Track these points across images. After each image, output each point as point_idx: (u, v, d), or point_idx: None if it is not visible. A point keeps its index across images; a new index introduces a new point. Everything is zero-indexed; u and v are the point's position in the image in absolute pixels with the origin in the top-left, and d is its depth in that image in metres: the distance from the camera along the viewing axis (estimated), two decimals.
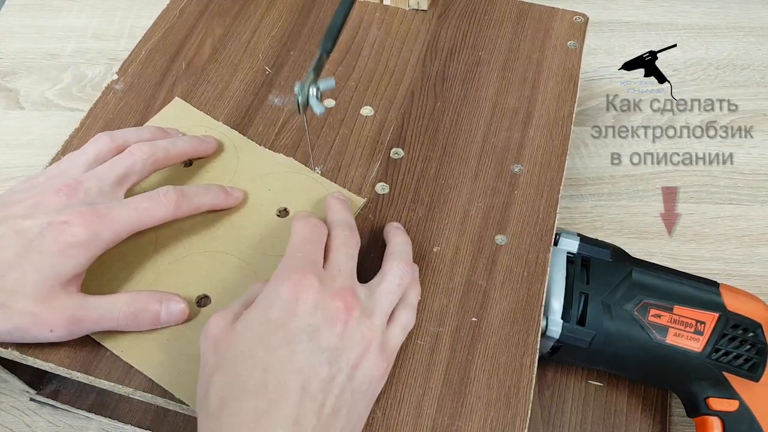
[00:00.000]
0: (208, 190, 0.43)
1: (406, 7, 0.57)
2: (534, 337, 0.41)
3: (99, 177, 0.39)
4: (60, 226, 0.36)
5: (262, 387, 0.32)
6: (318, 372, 0.33)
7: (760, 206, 0.61)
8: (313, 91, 0.41)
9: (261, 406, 0.32)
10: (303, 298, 0.34)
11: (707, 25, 0.74)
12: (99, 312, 0.37)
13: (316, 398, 0.33)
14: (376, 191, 0.46)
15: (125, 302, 0.38)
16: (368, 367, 0.35)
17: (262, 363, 0.33)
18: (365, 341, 0.35)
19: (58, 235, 0.36)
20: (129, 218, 0.38)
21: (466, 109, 0.51)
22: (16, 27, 0.72)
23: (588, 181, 0.62)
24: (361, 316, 0.35)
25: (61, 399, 0.48)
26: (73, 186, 0.38)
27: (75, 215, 0.36)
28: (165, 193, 0.40)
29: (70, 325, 0.36)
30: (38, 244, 0.35)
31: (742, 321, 0.43)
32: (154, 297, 0.39)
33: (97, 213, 0.37)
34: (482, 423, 0.38)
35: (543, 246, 0.44)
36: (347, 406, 0.34)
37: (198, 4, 0.57)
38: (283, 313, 0.34)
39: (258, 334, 0.34)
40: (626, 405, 0.49)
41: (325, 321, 0.34)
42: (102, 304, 0.37)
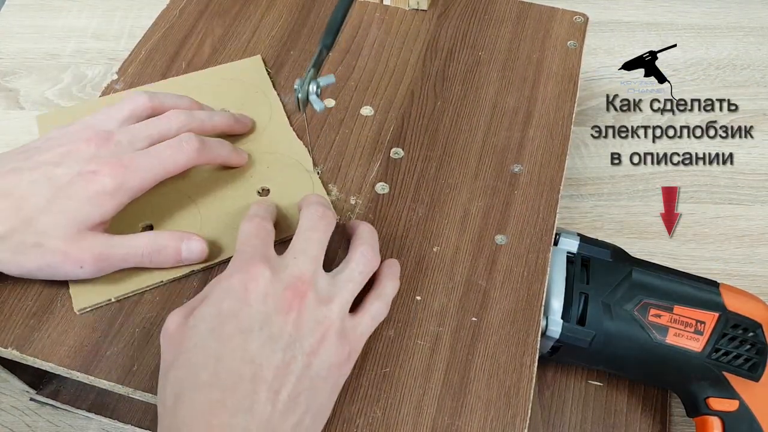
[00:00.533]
0: (223, 145, 0.44)
1: (406, 7, 0.57)
2: (534, 336, 0.41)
3: (132, 134, 0.41)
4: (88, 176, 0.38)
5: (215, 378, 0.32)
6: (271, 360, 0.33)
7: (760, 206, 0.61)
8: (313, 87, 0.40)
9: (214, 396, 0.32)
10: (253, 287, 0.34)
11: (707, 25, 0.74)
12: (125, 249, 0.39)
13: (271, 386, 0.32)
14: (376, 191, 0.46)
15: (148, 240, 0.40)
16: (326, 354, 0.35)
17: (215, 354, 0.33)
18: (321, 328, 0.35)
19: (87, 184, 0.38)
20: (153, 167, 0.40)
21: (466, 109, 0.51)
22: (16, 27, 0.72)
23: (588, 181, 0.62)
24: (317, 303, 0.35)
25: (61, 399, 0.48)
26: (105, 137, 0.39)
27: (103, 165, 0.38)
28: (187, 140, 0.41)
29: (99, 261, 0.38)
30: (68, 192, 0.37)
31: (742, 321, 0.43)
32: (176, 235, 0.40)
33: (123, 163, 0.39)
34: (482, 423, 0.38)
35: (543, 246, 0.44)
36: (306, 393, 0.34)
37: (198, 4, 0.57)
38: (234, 303, 0.34)
39: (210, 326, 0.34)
40: (626, 405, 0.49)
41: (276, 309, 0.34)
42: (127, 241, 0.39)
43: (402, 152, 0.48)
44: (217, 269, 0.42)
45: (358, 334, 0.37)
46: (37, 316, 0.39)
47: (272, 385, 0.33)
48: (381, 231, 0.44)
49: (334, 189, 0.46)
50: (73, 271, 0.38)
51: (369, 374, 0.39)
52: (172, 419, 0.32)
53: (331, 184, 0.46)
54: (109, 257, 0.39)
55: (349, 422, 0.37)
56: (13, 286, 0.41)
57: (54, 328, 0.39)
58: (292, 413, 0.33)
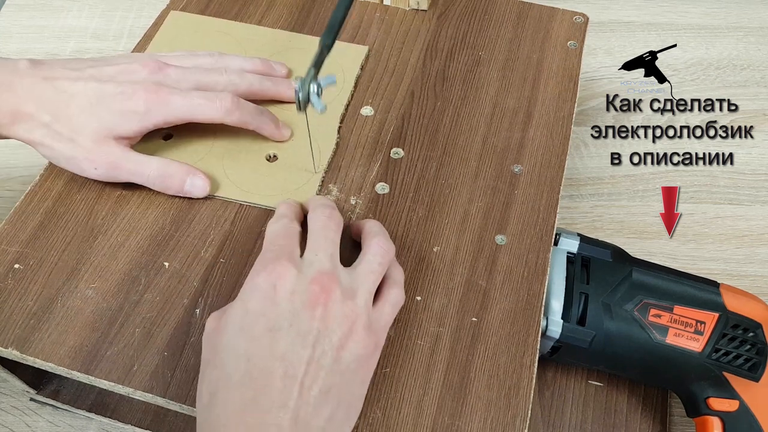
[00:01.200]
0: (263, 114, 0.46)
1: (406, 7, 0.57)
2: (534, 337, 0.41)
3: (182, 74, 0.45)
4: (128, 95, 0.43)
5: (247, 377, 0.33)
6: (301, 356, 0.33)
7: (760, 206, 0.61)
8: (314, 87, 0.40)
9: (247, 395, 0.33)
10: (280, 284, 0.35)
11: (707, 25, 0.74)
12: (134, 165, 0.43)
13: (303, 382, 0.33)
14: (376, 191, 0.46)
15: (158, 164, 0.44)
16: (355, 347, 0.35)
17: (246, 353, 0.34)
18: (348, 322, 0.35)
19: (124, 101, 0.43)
20: (182, 107, 0.44)
21: (466, 109, 0.51)
22: (16, 27, 0.72)
23: (588, 181, 0.62)
24: (343, 298, 0.36)
25: (61, 399, 0.48)
26: (160, 67, 0.45)
27: (142, 90, 0.43)
28: (222, 98, 0.44)
29: (111, 168, 0.43)
30: (107, 102, 0.43)
31: (742, 321, 0.43)
32: (183, 168, 0.44)
33: (158, 94, 0.43)
34: (482, 423, 0.38)
35: (543, 246, 0.44)
36: (337, 387, 0.34)
37: (198, 4, 0.57)
38: (261, 302, 0.35)
39: (240, 326, 0.35)
40: (626, 405, 0.49)
41: (303, 305, 0.35)
42: (140, 159, 0.44)
43: (402, 152, 0.48)
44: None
45: (382, 324, 0.38)
46: (38, 316, 0.39)
47: (303, 380, 0.33)
48: None
49: (334, 189, 0.46)
50: (89, 169, 0.43)
51: None
52: (208, 416, 0.33)
53: (331, 184, 0.46)
54: (120, 167, 0.43)
55: None
56: (13, 287, 0.41)
57: (54, 328, 0.39)
58: (325, 407, 0.33)
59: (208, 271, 0.42)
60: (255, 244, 0.43)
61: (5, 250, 0.42)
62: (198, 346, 0.39)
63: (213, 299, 0.41)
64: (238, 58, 0.49)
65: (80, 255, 0.42)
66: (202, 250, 0.43)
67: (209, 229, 0.44)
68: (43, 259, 0.42)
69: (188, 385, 0.38)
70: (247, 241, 0.43)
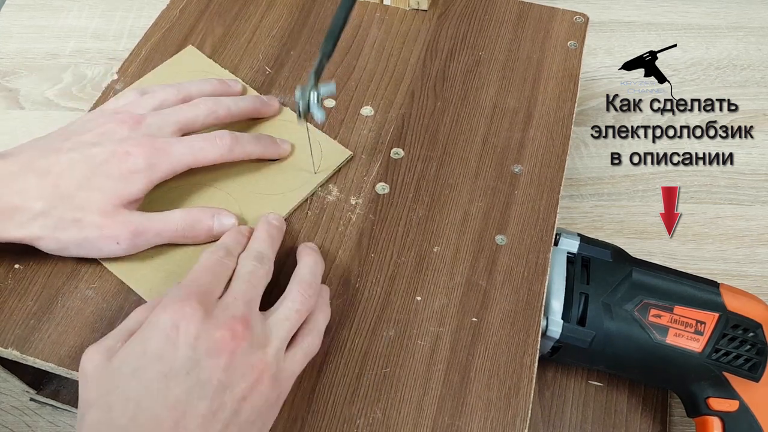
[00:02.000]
0: (260, 140, 0.45)
1: (406, 7, 0.57)
2: (534, 337, 0.41)
3: (162, 118, 0.42)
4: (122, 155, 0.40)
5: (132, 423, 0.31)
6: (197, 407, 0.31)
7: (760, 206, 0.61)
8: (313, 96, 0.40)
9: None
10: (184, 327, 0.33)
11: (707, 25, 0.74)
12: (159, 224, 0.40)
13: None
14: (376, 191, 0.46)
15: (181, 216, 0.41)
16: (258, 399, 0.33)
17: (136, 398, 0.31)
18: (255, 373, 0.33)
19: (120, 163, 0.39)
20: (185, 154, 0.41)
21: (466, 109, 0.51)
22: (16, 27, 0.72)
23: (588, 181, 0.62)
24: (252, 347, 0.34)
25: (61, 399, 0.48)
26: (138, 120, 0.42)
27: (136, 146, 0.40)
28: (221, 136, 0.43)
29: (134, 237, 0.39)
30: (103, 169, 0.39)
31: (742, 321, 0.44)
32: (207, 211, 0.42)
33: (156, 146, 0.40)
34: (482, 423, 0.38)
35: (543, 246, 0.44)
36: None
37: (198, 4, 0.57)
38: (161, 344, 0.32)
39: (133, 367, 0.32)
40: (626, 405, 0.49)
41: (207, 353, 0.32)
42: (161, 217, 0.41)
43: (402, 152, 0.48)
44: None
45: (289, 373, 0.36)
46: (38, 317, 0.39)
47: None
48: (381, 231, 0.44)
49: (334, 189, 0.46)
50: (108, 246, 0.39)
51: (369, 374, 0.39)
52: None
53: (331, 184, 0.46)
54: (144, 232, 0.40)
55: (349, 422, 0.37)
56: (13, 287, 0.41)
57: (54, 328, 0.39)
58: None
59: None
60: None
61: (5, 250, 0.42)
62: None
63: None
64: (195, 83, 0.47)
65: None
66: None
67: None
68: (43, 259, 0.42)
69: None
70: None
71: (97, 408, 0.32)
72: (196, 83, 0.47)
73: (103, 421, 0.31)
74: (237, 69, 0.52)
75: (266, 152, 0.45)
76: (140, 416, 0.31)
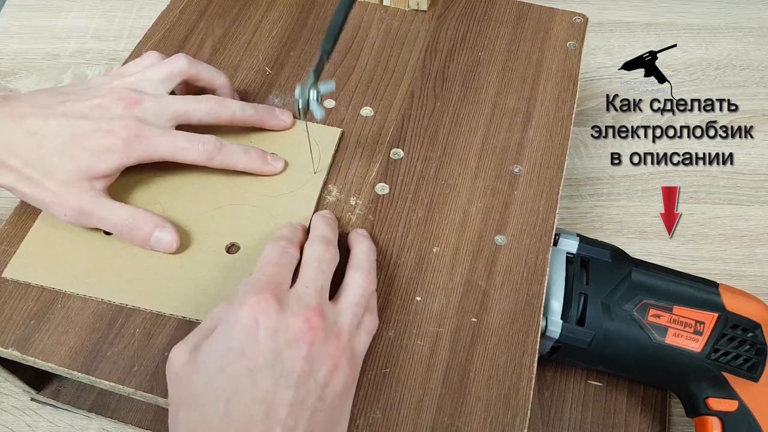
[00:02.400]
0: (247, 153, 0.44)
1: (406, 8, 0.57)
2: (533, 337, 0.41)
3: (160, 104, 0.42)
4: (105, 133, 0.40)
5: (226, 420, 0.32)
6: (284, 398, 0.32)
7: (759, 206, 0.61)
8: (313, 94, 0.41)
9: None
10: (263, 321, 0.34)
11: (707, 25, 0.74)
12: (104, 213, 0.41)
13: (285, 424, 0.32)
14: (375, 192, 0.46)
15: (127, 214, 0.41)
16: (338, 383, 0.34)
17: (225, 395, 0.32)
18: (333, 359, 0.34)
19: (100, 138, 0.40)
20: (164, 149, 0.42)
21: (466, 110, 0.51)
22: (16, 27, 0.72)
23: (588, 182, 0.62)
24: (327, 335, 0.35)
25: (61, 399, 0.48)
26: (135, 100, 0.42)
27: (121, 128, 0.41)
28: (205, 141, 0.43)
29: (79, 215, 0.40)
30: (82, 141, 0.40)
31: (741, 321, 0.44)
32: (152, 220, 0.41)
33: (140, 132, 0.41)
34: (482, 423, 0.38)
35: (542, 246, 0.44)
36: (321, 425, 0.33)
37: (198, 4, 0.57)
38: (243, 339, 0.33)
39: (219, 365, 0.33)
40: (626, 405, 0.50)
41: (287, 344, 0.33)
42: (109, 207, 0.41)
43: (402, 153, 0.48)
44: None
45: (359, 353, 0.37)
46: (38, 317, 0.40)
47: (286, 423, 0.32)
48: (381, 232, 0.44)
49: (334, 189, 0.46)
50: (58, 214, 0.41)
51: (369, 375, 0.39)
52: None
53: (331, 184, 0.46)
54: (89, 215, 0.40)
55: (349, 423, 0.37)
56: (13, 287, 0.41)
57: (54, 328, 0.39)
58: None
59: None
60: None
61: (6, 251, 0.42)
62: None
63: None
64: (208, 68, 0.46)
65: None
66: None
67: None
68: None
69: None
70: None
71: (188, 407, 0.33)
72: (209, 67, 0.46)
73: (200, 420, 0.32)
74: (237, 69, 0.52)
75: (251, 167, 0.44)
76: (233, 413, 0.32)
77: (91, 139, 0.40)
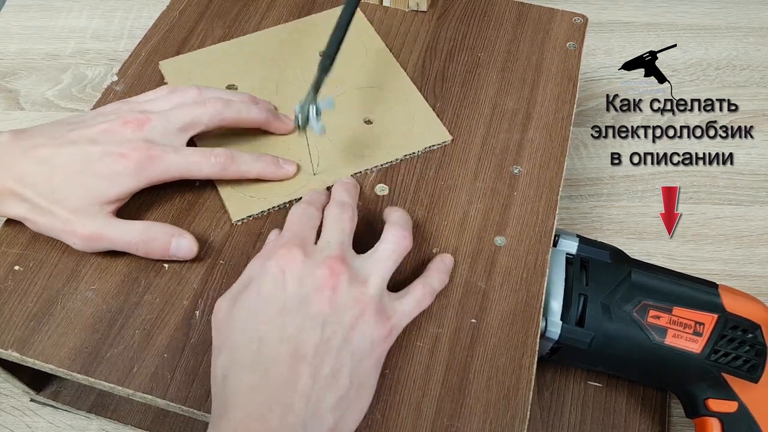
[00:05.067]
0: (259, 160, 0.45)
1: (406, 9, 0.57)
2: (533, 338, 0.41)
3: (168, 119, 0.43)
4: (116, 157, 0.41)
5: (257, 357, 0.34)
6: (310, 336, 0.35)
7: (759, 207, 0.61)
8: (312, 110, 0.42)
9: (257, 375, 0.34)
10: (289, 270, 0.36)
11: (707, 25, 0.74)
12: (116, 234, 0.41)
13: (312, 362, 0.34)
14: (375, 192, 0.46)
15: (140, 229, 0.41)
16: (366, 329, 0.36)
17: (257, 336, 0.35)
18: (359, 305, 0.36)
19: (111, 164, 0.41)
20: (177, 166, 0.42)
21: (466, 111, 0.51)
22: (16, 27, 0.72)
23: (587, 182, 0.62)
24: (352, 282, 0.37)
25: (61, 400, 0.48)
26: (142, 121, 0.42)
27: (132, 150, 0.41)
28: (217, 153, 0.43)
29: (90, 240, 0.41)
30: (94, 168, 0.40)
31: (741, 322, 0.44)
32: (167, 230, 0.42)
33: (151, 152, 0.41)
34: (481, 424, 0.38)
35: (542, 247, 0.44)
36: (347, 367, 0.35)
37: (198, 5, 0.57)
38: (272, 286, 0.36)
39: (252, 310, 0.36)
40: (625, 406, 0.50)
41: (313, 289, 0.36)
42: (121, 226, 0.41)
43: None
44: None
45: (399, 312, 0.38)
46: (38, 318, 0.40)
47: (313, 361, 0.34)
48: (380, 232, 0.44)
49: None
50: (69, 241, 0.41)
51: None
52: (222, 395, 0.34)
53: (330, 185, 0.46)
54: (101, 238, 0.41)
55: None
56: (13, 288, 0.41)
57: (54, 329, 0.39)
58: (335, 387, 0.34)
59: (208, 272, 0.42)
60: (254, 246, 0.43)
61: (5, 252, 0.42)
62: (198, 348, 0.39)
63: (213, 301, 0.41)
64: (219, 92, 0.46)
65: (80, 256, 0.42)
66: (201, 252, 0.43)
67: (209, 230, 0.44)
68: (43, 260, 0.42)
69: (188, 386, 0.38)
70: (246, 242, 0.43)
71: (227, 350, 0.35)
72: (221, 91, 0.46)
73: (234, 359, 0.35)
74: None
75: (265, 173, 0.45)
76: (263, 350, 0.34)
77: (101, 165, 0.40)
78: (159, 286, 0.41)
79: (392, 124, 0.49)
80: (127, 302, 0.41)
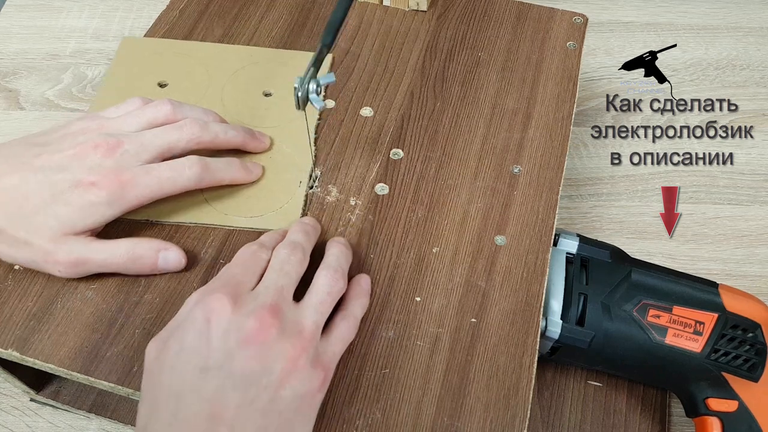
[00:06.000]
0: (230, 165, 0.44)
1: (406, 8, 0.57)
2: (533, 337, 0.41)
3: (141, 144, 0.41)
4: (87, 186, 0.39)
5: (174, 419, 0.32)
6: (230, 399, 0.32)
7: (759, 206, 0.61)
8: (312, 86, 0.40)
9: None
10: (216, 320, 0.34)
11: (707, 25, 0.74)
12: (102, 256, 0.40)
13: (232, 426, 0.32)
14: (375, 192, 0.46)
15: (126, 248, 0.40)
16: (297, 384, 0.34)
17: (176, 393, 0.33)
18: (290, 359, 0.34)
19: (83, 193, 0.39)
20: (151, 186, 0.40)
21: (466, 110, 0.51)
22: (16, 27, 0.72)
23: (587, 182, 0.62)
24: (283, 333, 0.34)
25: (61, 399, 0.48)
26: (113, 145, 0.40)
27: (102, 177, 0.39)
28: (190, 165, 0.41)
29: (74, 267, 0.39)
30: (64, 198, 0.39)
31: (741, 321, 0.44)
32: (153, 245, 0.41)
33: (122, 178, 0.39)
34: (482, 423, 0.38)
35: (542, 247, 0.44)
36: (274, 427, 0.33)
37: (198, 4, 0.57)
38: (196, 339, 0.34)
39: (174, 363, 0.33)
40: (625, 405, 0.50)
41: (238, 344, 0.33)
42: (105, 248, 0.40)
43: (402, 153, 0.48)
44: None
45: (330, 353, 0.36)
46: (38, 318, 0.40)
47: (233, 425, 0.32)
48: (380, 232, 0.44)
49: (333, 190, 0.46)
50: (52, 270, 0.39)
51: (368, 375, 0.39)
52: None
53: (330, 185, 0.46)
54: (87, 262, 0.39)
55: (348, 423, 0.37)
56: (13, 288, 0.41)
57: (54, 329, 0.39)
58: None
59: (208, 272, 0.42)
60: None
61: None
62: None
63: None
64: (194, 109, 0.45)
65: None
66: (201, 251, 0.43)
67: (209, 230, 0.44)
68: None
69: None
70: (246, 242, 0.43)
71: (146, 402, 0.34)
72: (195, 108, 0.45)
73: (151, 414, 0.33)
74: None
75: (236, 178, 0.44)
76: (180, 412, 0.32)
77: (73, 195, 0.39)
78: (159, 286, 0.41)
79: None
80: (127, 301, 0.40)
